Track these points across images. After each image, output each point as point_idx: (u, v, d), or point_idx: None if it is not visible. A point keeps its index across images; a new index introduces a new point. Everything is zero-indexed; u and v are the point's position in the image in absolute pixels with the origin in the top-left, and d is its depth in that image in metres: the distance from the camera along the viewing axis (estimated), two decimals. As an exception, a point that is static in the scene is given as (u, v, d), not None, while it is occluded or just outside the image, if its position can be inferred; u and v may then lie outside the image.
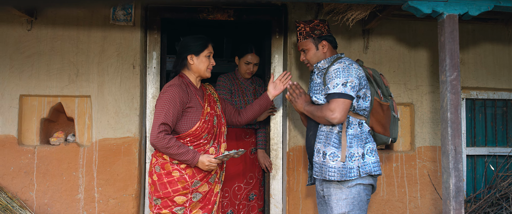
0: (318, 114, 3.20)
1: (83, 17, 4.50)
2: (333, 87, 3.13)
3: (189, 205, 3.35)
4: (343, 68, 3.17)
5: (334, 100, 3.12)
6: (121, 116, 4.43)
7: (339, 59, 3.31)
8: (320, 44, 3.40)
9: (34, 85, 4.43)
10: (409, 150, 4.71)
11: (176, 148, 3.27)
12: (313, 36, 3.39)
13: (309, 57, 3.42)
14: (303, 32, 3.41)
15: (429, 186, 4.65)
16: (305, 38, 3.41)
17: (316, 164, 3.28)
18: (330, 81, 3.17)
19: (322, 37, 3.40)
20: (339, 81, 3.13)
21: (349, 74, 3.15)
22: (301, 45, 3.44)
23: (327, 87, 3.18)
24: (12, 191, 4.34)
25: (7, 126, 4.39)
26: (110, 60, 4.47)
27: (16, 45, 4.45)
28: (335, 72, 3.17)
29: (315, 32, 3.39)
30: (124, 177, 4.40)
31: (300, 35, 3.43)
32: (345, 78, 3.13)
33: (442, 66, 3.35)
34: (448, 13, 3.33)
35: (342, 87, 3.12)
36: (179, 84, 3.43)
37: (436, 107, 4.69)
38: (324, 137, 3.26)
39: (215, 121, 3.50)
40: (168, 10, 4.66)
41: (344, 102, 3.12)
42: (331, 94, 3.15)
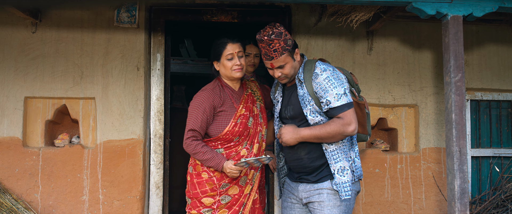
0: (332, 133, 2.98)
1: (88, 20, 4.51)
2: (338, 100, 2.95)
3: (217, 207, 3.33)
4: (332, 75, 3.01)
5: (346, 112, 2.96)
6: (125, 117, 4.44)
7: (311, 62, 3.14)
8: (295, 53, 3.13)
9: (38, 87, 4.44)
10: (414, 152, 4.70)
11: (202, 153, 3.26)
12: (288, 48, 3.06)
13: (287, 72, 3.11)
14: (278, 48, 3.03)
15: (434, 188, 4.64)
16: (281, 54, 3.04)
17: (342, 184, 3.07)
18: (326, 93, 2.98)
19: (294, 46, 3.13)
20: (339, 91, 2.97)
21: (341, 80, 3.02)
22: (277, 62, 3.07)
23: (327, 100, 2.97)
24: (17, 193, 4.35)
25: (12, 128, 4.41)
26: (115, 62, 4.48)
27: (21, 47, 4.46)
28: (327, 82, 2.99)
29: (288, 43, 3.06)
30: (128, 178, 4.40)
31: (275, 52, 3.04)
32: (342, 86, 2.99)
33: (447, 67, 3.34)
34: (452, 14, 3.33)
35: (345, 97, 2.97)
36: (211, 89, 3.39)
37: (441, 108, 4.68)
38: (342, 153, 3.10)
39: (250, 122, 3.41)
40: (172, 12, 4.67)
41: (353, 111, 2.99)
42: (340, 107, 2.96)
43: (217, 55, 3.41)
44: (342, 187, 3.05)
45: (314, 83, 3.02)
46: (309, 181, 3.17)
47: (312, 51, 4.60)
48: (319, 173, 3.13)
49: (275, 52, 3.03)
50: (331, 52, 4.63)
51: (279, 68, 3.10)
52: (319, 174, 3.13)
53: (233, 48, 3.37)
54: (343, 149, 3.10)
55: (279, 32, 3.02)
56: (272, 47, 3.03)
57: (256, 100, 3.56)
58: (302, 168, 3.19)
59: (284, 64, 3.07)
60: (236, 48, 3.38)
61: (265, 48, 3.05)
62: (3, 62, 4.43)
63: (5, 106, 4.41)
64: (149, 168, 4.59)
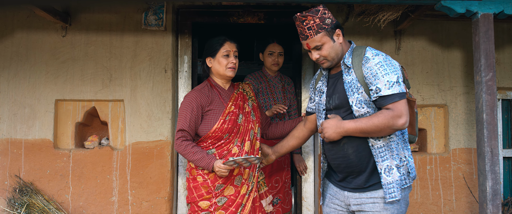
0: (380, 126, 2.64)
1: (116, 23, 4.57)
2: (389, 88, 2.61)
3: (214, 210, 3.33)
4: (385, 60, 2.68)
5: (397, 103, 2.61)
6: (153, 119, 4.49)
7: (361, 48, 2.85)
8: (335, 34, 2.83)
9: (69, 90, 4.51)
10: (444, 152, 4.63)
11: (192, 154, 3.28)
12: (325, 27, 2.78)
13: (326, 53, 2.81)
14: (313, 26, 2.77)
15: (464, 189, 4.56)
16: (317, 32, 2.77)
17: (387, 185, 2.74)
18: (377, 80, 2.64)
19: (334, 25, 2.82)
20: (391, 79, 2.62)
21: (395, 67, 2.68)
22: (313, 42, 2.81)
23: (377, 88, 2.64)
24: (49, 193, 4.43)
25: (44, 130, 4.49)
26: (142, 65, 4.52)
27: (51, 51, 4.55)
28: (379, 67, 2.65)
29: (326, 22, 2.78)
30: (157, 180, 4.44)
31: (310, 30, 2.79)
32: (395, 73, 2.64)
33: (477, 66, 3.28)
34: (483, 12, 3.27)
35: (397, 86, 2.62)
36: (199, 89, 3.44)
37: (471, 108, 4.60)
38: (388, 149, 2.76)
39: (241, 119, 3.43)
40: (199, 14, 4.69)
41: (405, 102, 2.65)
42: (390, 97, 2.62)
43: (213, 51, 3.44)
44: (387, 188, 2.72)
45: (365, 68, 2.70)
46: (360, 187, 2.82)
47: (339, 52, 4.57)
48: (371, 177, 2.79)
49: (309, 30, 2.78)
50: (358, 52, 4.59)
51: (316, 50, 2.83)
52: (371, 177, 2.79)
53: (230, 47, 3.43)
54: (390, 146, 2.75)
55: (316, 9, 2.79)
56: (305, 25, 2.78)
57: (248, 99, 3.58)
58: (349, 168, 2.85)
59: (321, 45, 2.80)
60: (233, 47, 3.44)
61: (299, 26, 2.82)
62: (34, 66, 4.52)
63: (37, 109, 4.50)
64: (177, 169, 4.63)
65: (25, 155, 4.47)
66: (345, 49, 2.87)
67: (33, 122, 4.49)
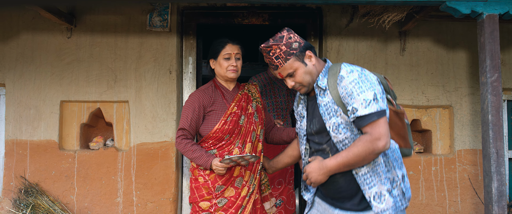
0: (361, 155, 2.44)
1: (121, 24, 4.58)
2: (366, 106, 2.39)
3: (214, 210, 3.34)
4: (360, 77, 2.45)
5: (374, 123, 2.40)
6: (158, 120, 4.49)
7: (336, 66, 2.60)
8: (306, 57, 2.63)
9: (74, 91, 4.53)
10: (449, 153, 4.62)
11: (191, 152, 3.31)
12: (293, 52, 2.60)
13: (301, 79, 2.62)
14: (280, 54, 2.61)
15: (469, 190, 4.55)
16: (286, 60, 2.60)
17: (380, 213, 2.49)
18: (352, 99, 2.43)
19: (303, 48, 2.63)
20: (367, 96, 2.40)
21: (371, 82, 2.45)
22: (284, 70, 2.63)
23: (353, 108, 2.42)
24: (54, 194, 4.45)
25: (49, 131, 4.51)
26: (147, 66, 4.53)
27: (56, 52, 4.56)
28: (354, 85, 2.43)
29: (293, 47, 2.61)
30: (161, 181, 4.45)
31: (278, 59, 2.62)
32: (371, 89, 2.42)
33: (482, 67, 3.27)
34: (488, 13, 3.26)
35: (374, 103, 2.40)
36: (203, 89, 3.46)
37: (476, 109, 4.59)
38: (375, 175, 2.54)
39: (243, 120, 3.42)
40: (204, 15, 4.70)
41: (385, 121, 2.43)
42: (368, 116, 2.40)
43: (215, 53, 3.44)
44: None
45: (340, 88, 2.48)
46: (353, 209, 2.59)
47: (344, 53, 4.57)
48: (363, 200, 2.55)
49: (277, 60, 2.62)
50: (363, 53, 4.59)
51: (289, 77, 2.65)
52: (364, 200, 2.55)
53: (232, 49, 3.41)
54: (376, 170, 2.52)
55: (279, 36, 2.63)
56: (272, 55, 2.63)
57: (253, 100, 3.55)
58: (338, 193, 2.64)
59: (292, 71, 2.62)
60: (235, 49, 3.42)
61: (267, 57, 2.68)
62: (39, 67, 4.54)
63: (42, 110, 4.51)
64: (181, 171, 4.63)
65: (31, 156, 4.48)
66: (320, 69, 2.66)
67: (38, 123, 4.50)
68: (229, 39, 3.45)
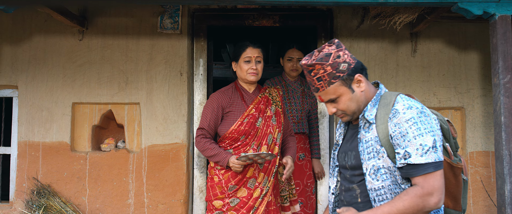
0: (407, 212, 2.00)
1: (132, 26, 4.60)
2: (422, 154, 1.98)
3: (226, 210, 3.39)
4: (419, 116, 2.03)
5: (429, 176, 1.99)
6: (169, 122, 4.51)
7: (391, 95, 2.16)
8: (354, 82, 2.16)
9: (85, 93, 4.55)
10: (461, 155, 4.58)
11: (210, 150, 3.40)
12: (340, 75, 2.13)
13: (344, 107, 2.19)
14: (323, 75, 2.14)
15: (482, 193, 4.51)
16: (329, 83, 2.14)
17: None
18: (406, 141, 2.01)
19: (352, 70, 2.15)
20: (426, 142, 1.99)
21: (432, 125, 2.03)
22: (326, 94, 2.18)
23: (406, 152, 2.01)
24: (66, 196, 4.47)
25: (61, 133, 4.53)
26: (158, 68, 4.55)
27: (68, 54, 4.59)
28: (411, 125, 2.01)
29: (341, 69, 2.13)
30: (172, 182, 4.46)
31: (320, 82, 2.15)
32: (431, 133, 2.01)
33: (495, 68, 3.25)
34: (500, 14, 3.23)
35: (433, 152, 1.99)
36: (223, 91, 3.54)
37: (489, 110, 4.55)
38: None
39: (260, 122, 3.47)
40: (214, 17, 4.71)
41: (441, 174, 2.02)
42: (423, 167, 1.98)
43: (236, 56, 3.52)
44: None
45: (391, 124, 2.05)
46: None
47: (355, 54, 4.55)
48: None
49: (319, 82, 2.15)
50: (374, 54, 4.57)
51: (331, 103, 2.21)
52: None
53: (252, 52, 3.47)
54: None
55: (326, 53, 2.14)
56: (314, 76, 2.16)
57: (272, 103, 3.59)
58: None
59: (335, 97, 2.17)
60: (256, 53, 3.48)
61: (307, 76, 2.21)
62: (52, 70, 4.57)
63: (54, 112, 4.54)
64: (192, 172, 4.64)
65: (43, 157, 4.51)
66: (370, 96, 2.21)
67: (50, 125, 4.53)
68: (250, 42, 3.53)
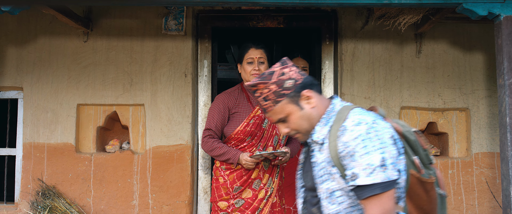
0: None
1: (136, 28, 4.61)
2: (368, 174, 1.80)
3: (231, 211, 3.39)
4: (368, 132, 1.83)
5: (375, 199, 1.81)
6: (173, 123, 4.51)
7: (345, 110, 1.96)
8: (302, 99, 2.00)
9: (90, 94, 4.56)
10: (466, 156, 4.57)
11: (218, 149, 3.39)
12: (286, 93, 1.98)
13: (296, 126, 2.02)
14: (268, 95, 2.00)
15: (487, 194, 4.50)
16: (275, 102, 1.99)
17: None
18: (353, 161, 1.83)
19: (299, 87, 1.99)
20: (373, 160, 1.80)
21: (382, 141, 1.83)
22: (274, 114, 2.03)
23: (353, 173, 1.83)
24: (71, 197, 4.48)
25: (66, 134, 4.54)
26: (163, 69, 4.55)
27: (73, 56, 4.60)
28: (359, 143, 1.82)
29: (286, 86, 1.98)
30: (177, 184, 4.46)
31: (267, 101, 2.01)
32: (380, 150, 1.81)
33: (500, 69, 3.24)
34: (505, 15, 3.22)
35: (381, 171, 1.80)
36: (229, 92, 3.54)
37: (494, 111, 4.54)
38: None
39: (266, 123, 3.46)
40: (219, 19, 4.71)
41: (390, 196, 1.83)
42: (369, 188, 1.81)
43: (240, 58, 3.53)
44: None
45: (340, 143, 1.86)
46: None
47: (359, 55, 4.55)
48: None
49: (266, 101, 2.01)
50: (379, 56, 4.57)
51: (282, 123, 2.05)
52: None
53: (254, 53, 3.46)
54: None
55: (270, 71, 2.01)
56: (259, 96, 2.03)
57: None
58: None
59: (285, 117, 2.01)
60: (258, 53, 3.46)
61: (255, 98, 2.09)
62: (56, 71, 4.58)
63: (59, 113, 4.55)
64: (197, 173, 4.64)
65: (48, 158, 4.52)
66: (322, 113, 2.02)
67: (55, 126, 4.54)
68: (252, 43, 3.51)
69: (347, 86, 4.54)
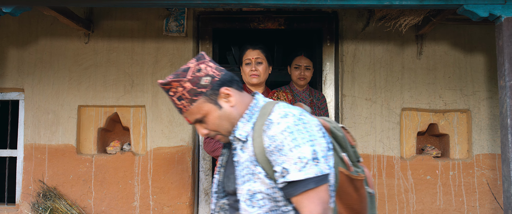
0: None
1: (137, 29, 4.62)
2: (300, 168, 1.66)
3: None
4: (296, 124, 1.71)
5: (309, 194, 1.69)
6: (174, 125, 4.51)
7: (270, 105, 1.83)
8: (220, 97, 1.85)
9: (91, 96, 4.57)
10: (467, 158, 4.57)
11: (220, 149, 3.36)
12: (202, 91, 1.82)
13: (215, 126, 1.86)
14: (183, 94, 1.82)
15: (488, 195, 4.49)
16: (191, 102, 1.82)
17: None
18: (282, 156, 1.68)
19: (217, 84, 1.84)
20: (304, 154, 1.67)
21: (311, 134, 1.72)
22: (191, 115, 1.85)
23: (283, 169, 1.68)
24: (72, 198, 4.48)
25: (67, 136, 4.55)
26: (164, 71, 4.56)
27: (74, 57, 4.61)
28: (287, 137, 1.69)
29: (203, 83, 1.82)
30: (178, 185, 4.46)
31: (181, 101, 1.82)
32: (310, 143, 1.70)
33: (501, 71, 3.24)
34: (506, 16, 3.22)
35: (313, 165, 1.68)
36: None
37: (495, 113, 4.54)
38: None
39: None
40: (220, 20, 4.72)
41: (325, 191, 1.72)
42: (302, 183, 1.68)
43: (240, 59, 3.50)
44: None
45: (266, 137, 1.72)
46: None
47: (360, 57, 4.55)
48: None
49: (181, 101, 1.83)
50: (380, 57, 4.57)
51: (200, 123, 1.88)
52: None
53: (251, 54, 3.41)
54: None
55: (183, 68, 1.84)
56: (173, 95, 1.84)
57: None
58: None
59: (202, 117, 1.85)
60: (255, 54, 3.41)
61: (169, 97, 1.88)
62: (58, 72, 4.59)
63: (60, 114, 4.56)
64: (198, 175, 4.64)
65: (49, 160, 4.52)
66: (244, 109, 1.89)
67: (56, 128, 4.55)
68: (250, 44, 3.46)
69: (348, 87, 4.54)
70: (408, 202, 4.47)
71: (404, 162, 4.49)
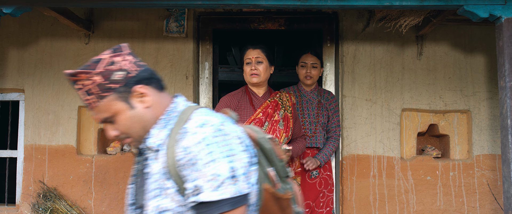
0: None
1: (138, 30, 4.62)
2: (216, 187, 1.44)
3: None
4: (214, 135, 1.49)
5: None
6: (174, 125, 4.50)
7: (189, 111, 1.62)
8: (134, 96, 1.62)
9: (91, 96, 4.56)
10: (467, 158, 4.57)
11: None
12: (113, 87, 1.58)
13: (125, 129, 1.62)
14: (92, 88, 1.58)
15: (488, 196, 4.49)
16: (100, 98, 1.58)
17: None
18: (195, 171, 1.46)
19: (133, 81, 1.62)
20: (220, 170, 1.45)
21: (231, 148, 1.50)
22: (99, 113, 1.62)
23: (196, 187, 1.46)
24: (72, 199, 4.48)
25: (67, 136, 4.55)
26: (164, 71, 4.56)
27: (74, 58, 4.61)
28: (202, 149, 1.46)
29: (114, 78, 1.59)
30: (178, 185, 4.46)
31: (90, 96, 1.59)
32: (228, 158, 1.47)
33: (501, 71, 3.24)
34: (507, 17, 3.22)
35: (230, 183, 1.46)
36: (232, 94, 3.52)
37: (495, 113, 4.54)
38: None
39: (266, 126, 3.41)
40: (220, 21, 4.72)
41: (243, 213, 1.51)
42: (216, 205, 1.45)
43: (241, 60, 3.52)
44: None
45: (179, 148, 1.49)
46: None
47: (360, 57, 4.55)
48: None
49: (89, 96, 1.59)
50: (380, 57, 4.57)
51: (109, 123, 1.64)
52: None
53: (251, 54, 3.42)
54: None
55: (95, 59, 1.62)
56: (81, 88, 1.60)
57: (282, 108, 3.50)
58: None
59: (111, 116, 1.61)
60: (255, 54, 3.42)
61: (76, 90, 1.65)
62: (58, 73, 4.59)
63: (60, 115, 4.56)
64: (198, 175, 4.64)
65: (49, 160, 4.53)
66: (161, 112, 1.66)
67: (56, 128, 4.55)
68: (250, 44, 3.47)
69: (348, 88, 4.54)
70: (408, 202, 4.47)
71: (404, 163, 4.49)
